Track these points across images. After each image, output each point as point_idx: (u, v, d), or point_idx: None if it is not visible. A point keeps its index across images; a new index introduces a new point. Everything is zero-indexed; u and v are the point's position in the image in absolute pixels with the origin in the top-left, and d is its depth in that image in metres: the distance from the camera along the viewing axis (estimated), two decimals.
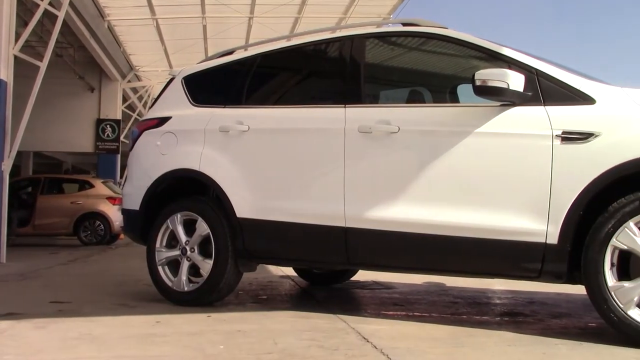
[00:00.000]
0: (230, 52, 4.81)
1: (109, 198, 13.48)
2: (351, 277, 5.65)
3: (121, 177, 19.39)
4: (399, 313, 4.08)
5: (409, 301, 4.62)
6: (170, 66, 18.84)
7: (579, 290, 3.28)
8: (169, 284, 4.36)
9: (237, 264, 4.19)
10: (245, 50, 4.88)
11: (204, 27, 16.49)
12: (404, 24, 4.05)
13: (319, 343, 3.10)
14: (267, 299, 4.69)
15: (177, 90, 4.75)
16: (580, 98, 3.28)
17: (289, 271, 6.07)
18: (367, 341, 3.13)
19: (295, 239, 3.98)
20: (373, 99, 4.20)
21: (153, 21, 15.85)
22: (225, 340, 3.19)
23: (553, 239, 3.19)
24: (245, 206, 4.10)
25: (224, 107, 4.43)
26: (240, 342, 3.16)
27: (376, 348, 2.98)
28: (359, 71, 4.01)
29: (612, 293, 3.06)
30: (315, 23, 15.78)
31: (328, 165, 3.87)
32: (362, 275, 5.73)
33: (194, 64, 4.95)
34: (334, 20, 16.40)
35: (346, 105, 3.89)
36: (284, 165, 4.05)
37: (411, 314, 4.07)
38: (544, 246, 3.21)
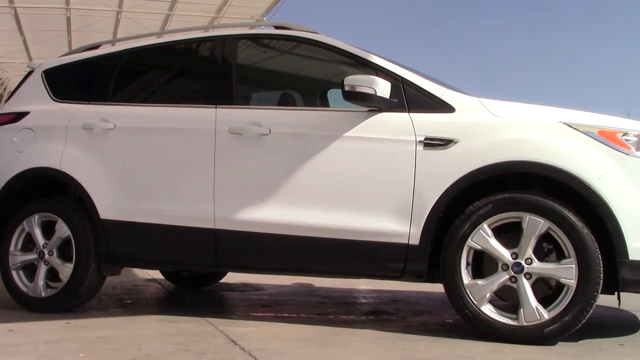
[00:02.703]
0: (96, 47, 4.60)
1: None
2: (220, 279, 5.60)
3: None
4: (267, 314, 4.09)
5: (277, 302, 4.65)
6: (30, 58, 17.75)
7: (438, 288, 3.46)
8: (24, 289, 4.10)
9: (100, 267, 4.02)
10: (113, 45, 4.70)
11: (68, 19, 15.71)
12: (276, 27, 4.08)
13: (186, 347, 3.04)
14: (132, 304, 4.54)
15: (37, 84, 4.48)
16: (441, 106, 3.46)
17: (156, 274, 5.91)
18: (236, 344, 3.12)
19: (162, 242, 3.89)
20: (245, 101, 4.19)
21: (11, 9, 14.86)
22: (85, 347, 3.05)
23: (415, 240, 3.34)
24: (109, 207, 3.95)
25: (88, 104, 4.23)
26: (102, 348, 3.03)
27: (244, 350, 2.98)
28: (230, 72, 3.98)
29: (468, 290, 3.26)
30: (187, 21, 15.53)
31: (198, 166, 3.81)
32: (232, 277, 5.70)
33: (56, 57, 4.70)
34: (207, 20, 16.24)
35: (217, 106, 3.85)
36: (152, 166, 3.94)
37: (280, 315, 4.10)
38: (407, 247, 3.36)
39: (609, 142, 3.20)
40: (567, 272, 3.13)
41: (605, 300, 3.38)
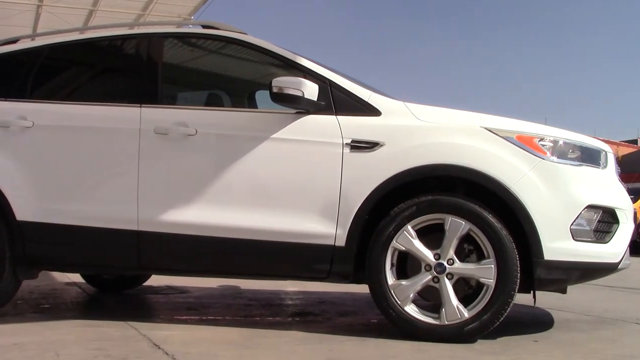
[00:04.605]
0: (14, 41, 4.41)
1: None
2: (144, 282, 5.49)
3: None
4: (192, 317, 4.04)
5: (203, 305, 4.60)
6: None
7: (364, 289, 3.51)
8: None
9: (16, 271, 3.85)
10: (32, 40, 4.52)
11: None
12: (204, 26, 4.03)
13: (106, 352, 2.96)
14: (50, 308, 4.38)
15: None
16: (368, 109, 3.51)
17: (76, 277, 5.72)
18: (159, 348, 3.06)
19: (83, 244, 3.77)
20: (171, 100, 4.12)
21: None
22: None
23: (341, 242, 3.38)
24: (27, 208, 3.79)
25: (4, 100, 4.05)
26: (16, 356, 2.90)
27: (167, 354, 2.93)
28: (156, 71, 3.91)
29: (392, 291, 3.32)
30: (111, 17, 15.13)
31: (121, 166, 3.72)
32: (156, 280, 5.59)
33: None
34: (132, 17, 15.87)
35: (142, 105, 3.77)
36: (73, 165, 3.81)
37: (205, 318, 4.05)
38: (333, 248, 3.39)
39: (526, 147, 3.33)
40: (486, 272, 3.24)
41: (521, 298, 3.51)
